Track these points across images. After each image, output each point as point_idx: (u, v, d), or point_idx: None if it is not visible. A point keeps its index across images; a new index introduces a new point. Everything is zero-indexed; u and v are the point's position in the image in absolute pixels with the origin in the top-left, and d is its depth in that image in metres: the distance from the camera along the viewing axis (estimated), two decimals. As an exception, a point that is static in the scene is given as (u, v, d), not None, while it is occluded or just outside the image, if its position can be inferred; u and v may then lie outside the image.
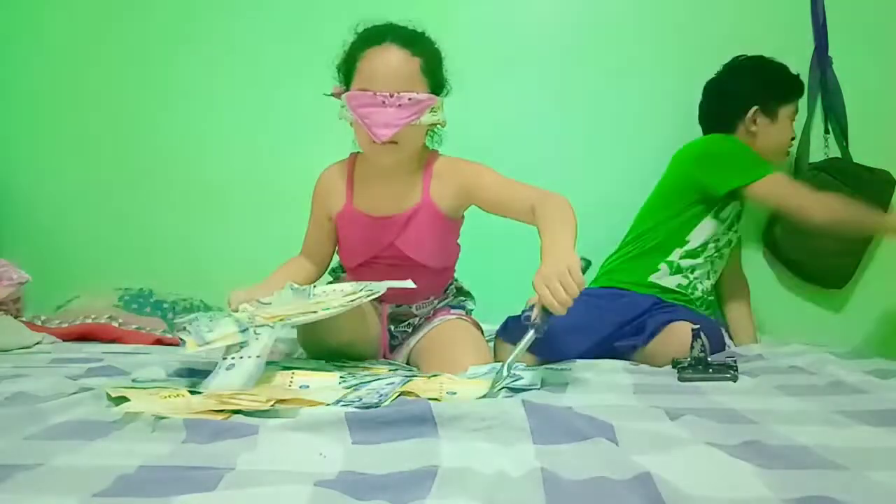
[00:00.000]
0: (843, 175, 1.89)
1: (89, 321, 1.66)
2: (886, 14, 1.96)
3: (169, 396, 0.95)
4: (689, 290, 1.66)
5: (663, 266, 1.66)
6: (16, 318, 1.69)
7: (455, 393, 1.04)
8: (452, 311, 1.50)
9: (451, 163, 1.44)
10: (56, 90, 2.21)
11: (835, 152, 1.95)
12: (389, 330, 1.47)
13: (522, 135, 2.05)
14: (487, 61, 2.04)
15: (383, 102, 1.30)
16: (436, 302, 1.50)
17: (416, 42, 1.35)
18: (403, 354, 1.46)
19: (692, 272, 1.66)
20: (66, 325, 1.66)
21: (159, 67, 2.18)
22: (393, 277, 1.32)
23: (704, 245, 1.67)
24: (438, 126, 1.42)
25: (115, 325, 1.65)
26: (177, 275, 2.01)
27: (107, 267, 2.14)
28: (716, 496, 0.62)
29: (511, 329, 1.49)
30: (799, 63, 1.97)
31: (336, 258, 1.55)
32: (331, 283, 1.46)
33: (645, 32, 1.97)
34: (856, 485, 0.64)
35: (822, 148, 1.96)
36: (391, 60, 1.32)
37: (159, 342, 1.63)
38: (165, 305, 1.76)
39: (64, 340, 1.62)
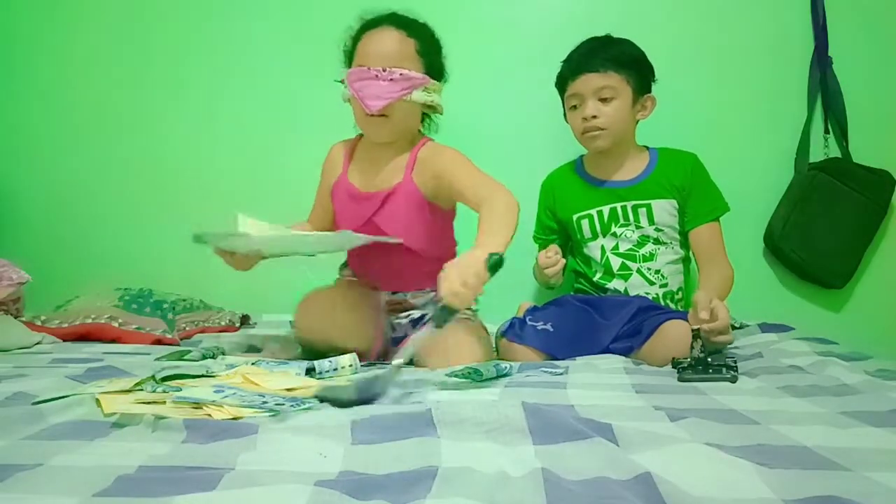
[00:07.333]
0: (843, 175, 1.90)
1: (89, 321, 1.65)
2: (886, 14, 1.96)
3: (145, 401, 0.93)
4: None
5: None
6: (16, 318, 1.69)
7: (292, 388, 1.03)
8: None
9: (435, 148, 1.48)
10: (56, 90, 2.21)
11: (835, 152, 1.95)
12: (390, 321, 1.49)
13: (527, 130, 2.05)
14: (497, 58, 2.05)
15: (376, 76, 1.38)
16: (434, 296, 1.50)
17: (413, 26, 1.44)
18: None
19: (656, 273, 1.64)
20: (66, 325, 1.66)
21: (161, 68, 2.18)
22: (381, 259, 1.42)
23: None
24: (434, 113, 1.49)
25: (115, 325, 1.65)
26: (177, 275, 2.00)
27: (107, 267, 2.14)
28: (716, 496, 0.62)
29: (518, 329, 1.50)
30: (799, 63, 1.98)
31: None
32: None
33: (644, 32, 1.96)
34: (857, 485, 0.64)
35: (822, 148, 1.96)
36: (386, 39, 1.42)
37: (159, 342, 1.63)
38: (165, 305, 1.76)
39: (64, 340, 1.62)
